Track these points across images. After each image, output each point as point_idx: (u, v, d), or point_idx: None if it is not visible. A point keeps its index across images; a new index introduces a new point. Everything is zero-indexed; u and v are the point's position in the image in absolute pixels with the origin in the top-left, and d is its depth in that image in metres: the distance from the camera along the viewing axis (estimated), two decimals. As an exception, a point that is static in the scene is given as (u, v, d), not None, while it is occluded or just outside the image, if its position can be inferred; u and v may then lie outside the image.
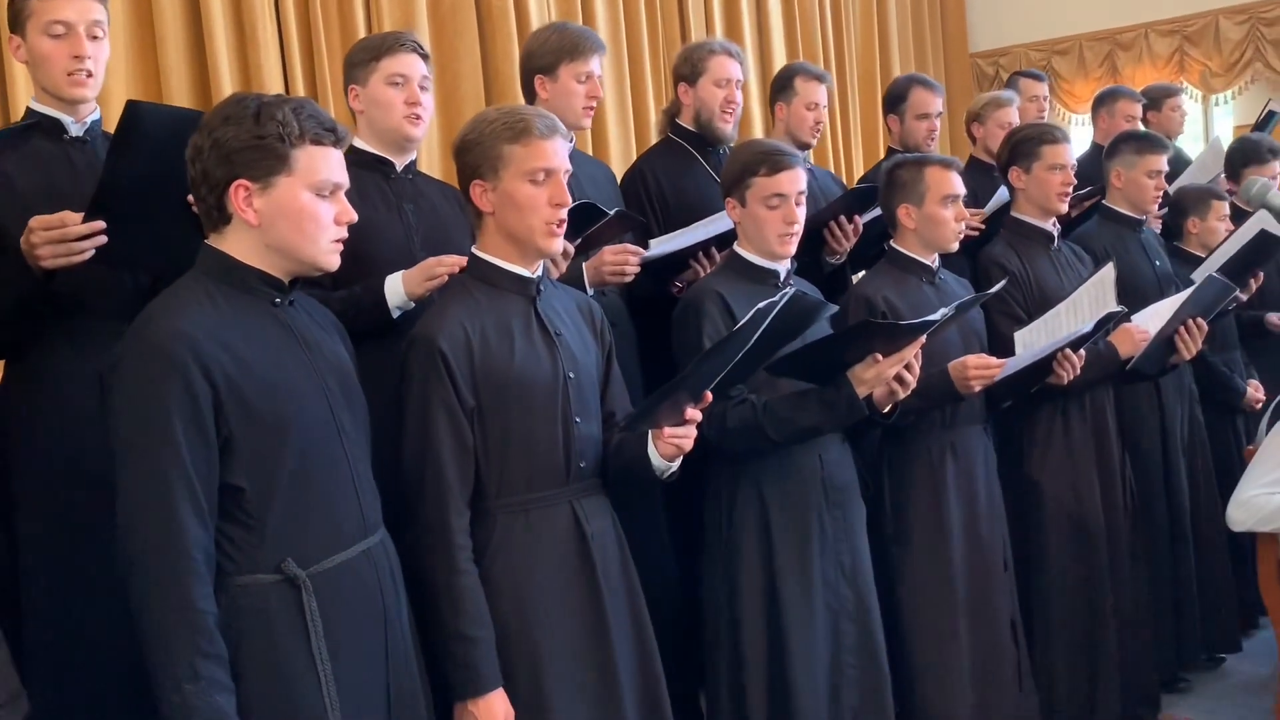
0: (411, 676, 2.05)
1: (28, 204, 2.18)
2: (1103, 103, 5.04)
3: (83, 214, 2.07)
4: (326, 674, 1.87)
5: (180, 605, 1.74)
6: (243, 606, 1.83)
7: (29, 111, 2.38)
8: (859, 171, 6.83)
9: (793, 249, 2.77)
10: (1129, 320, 3.31)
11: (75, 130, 2.33)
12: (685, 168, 3.58)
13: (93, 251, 2.07)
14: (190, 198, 2.01)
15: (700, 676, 2.93)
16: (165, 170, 2.04)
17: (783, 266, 2.79)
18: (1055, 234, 3.49)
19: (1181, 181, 4.45)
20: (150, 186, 2.06)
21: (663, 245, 3.13)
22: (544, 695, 2.17)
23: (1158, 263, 3.82)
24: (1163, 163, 3.77)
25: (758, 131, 5.81)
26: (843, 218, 3.41)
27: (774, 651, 2.72)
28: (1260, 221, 3.54)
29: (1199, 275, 3.60)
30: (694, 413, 2.19)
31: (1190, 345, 3.36)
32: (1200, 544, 3.82)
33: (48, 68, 2.29)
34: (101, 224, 2.05)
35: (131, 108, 2.04)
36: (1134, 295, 3.48)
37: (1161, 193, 3.81)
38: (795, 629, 2.71)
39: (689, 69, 3.57)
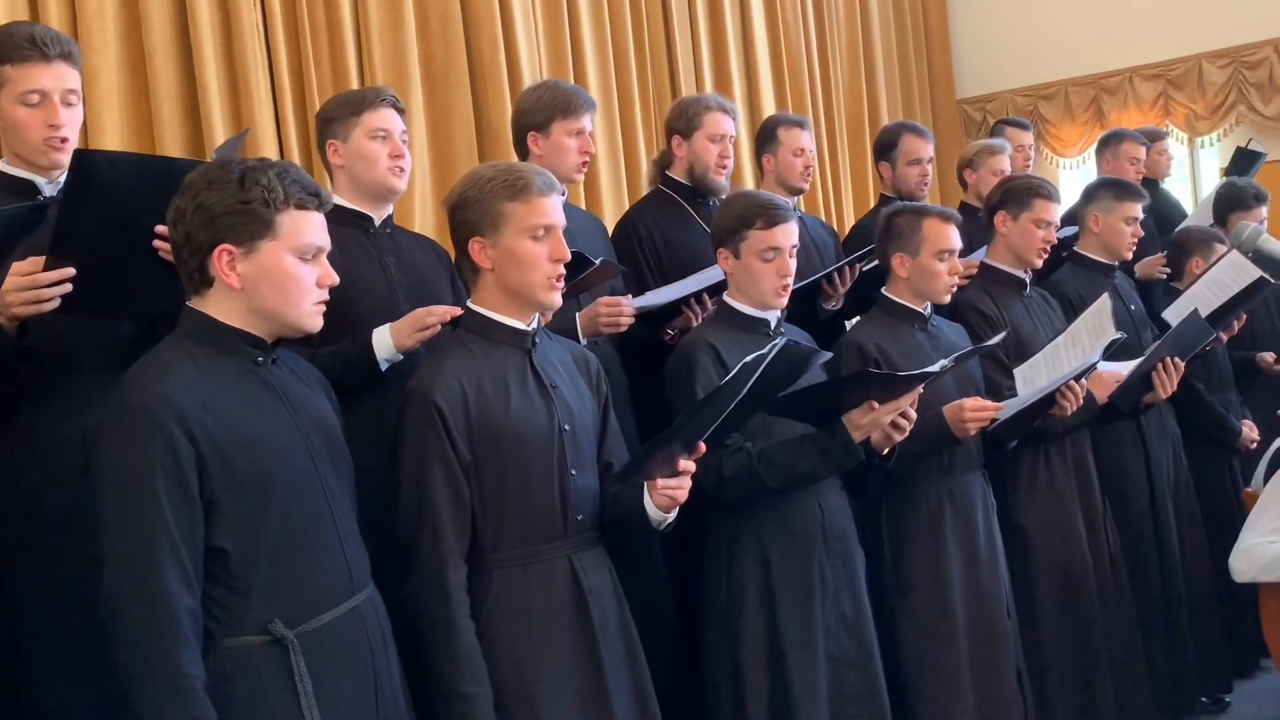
0: (403, 733, 2.03)
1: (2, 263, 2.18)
2: (1107, 145, 5.06)
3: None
4: (318, 733, 1.85)
5: (168, 670, 1.75)
6: (230, 669, 1.83)
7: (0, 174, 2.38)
8: (849, 217, 6.88)
9: (785, 300, 2.80)
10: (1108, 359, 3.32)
11: (49, 191, 2.34)
12: (677, 219, 3.60)
13: (59, 300, 2.06)
14: (156, 244, 2.03)
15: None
16: (127, 216, 2.05)
17: (773, 315, 2.81)
18: (1028, 280, 3.54)
19: (1187, 223, 4.50)
20: (112, 233, 2.07)
21: (655, 296, 3.15)
22: (543, 752, 2.16)
23: (1132, 306, 3.86)
24: (1139, 210, 3.79)
25: (748, 182, 5.85)
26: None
27: (776, 701, 2.70)
28: (1237, 266, 3.57)
29: (1173, 312, 3.64)
30: (687, 464, 2.20)
31: (1167, 384, 3.34)
32: (1190, 587, 3.80)
33: (23, 134, 2.30)
34: (71, 270, 2.05)
35: (80, 156, 2.06)
36: (1111, 339, 3.49)
37: (1138, 240, 3.83)
38: (798, 678, 2.70)
39: (684, 123, 3.60)
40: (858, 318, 3.56)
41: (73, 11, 3.98)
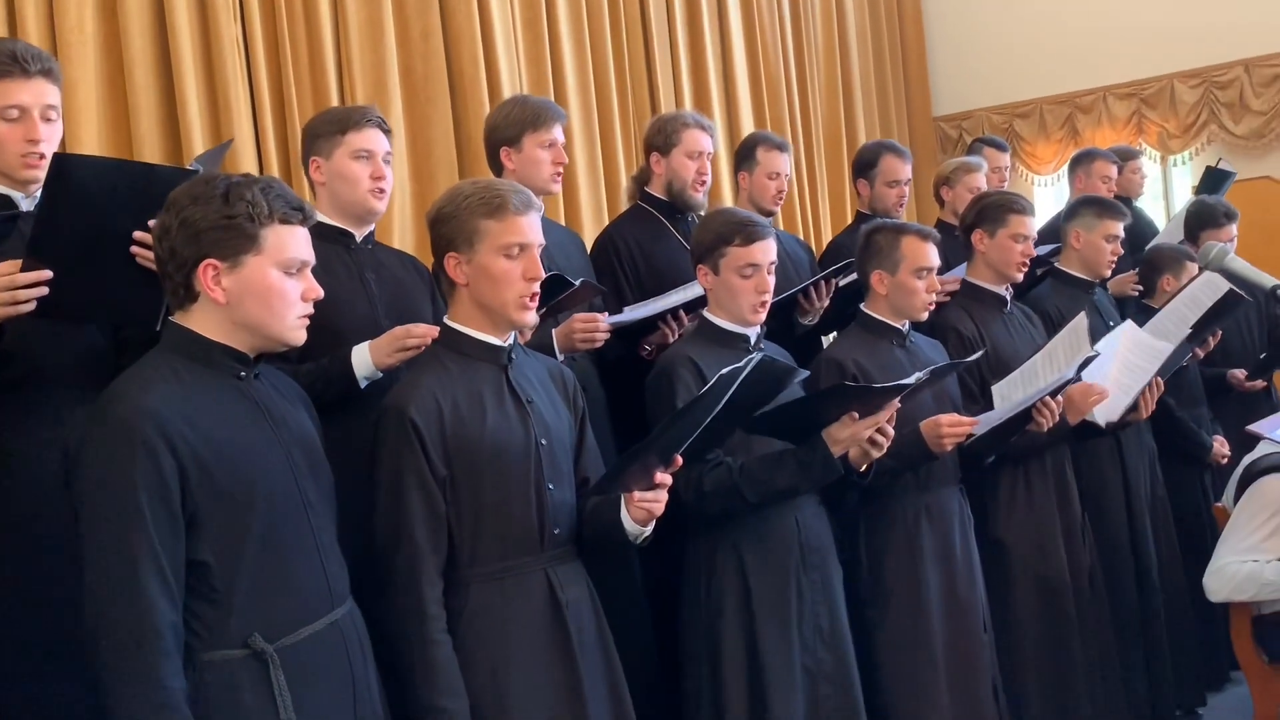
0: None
1: None
2: (1079, 163, 5.12)
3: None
4: (297, 748, 1.85)
5: (149, 683, 1.75)
6: (210, 683, 1.83)
7: None
8: (827, 234, 6.91)
9: (764, 316, 2.82)
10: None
11: (26, 205, 2.35)
12: (655, 235, 3.62)
13: (35, 303, 2.07)
14: (134, 249, 2.05)
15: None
16: (105, 221, 2.06)
17: (753, 331, 2.84)
18: (1008, 297, 3.57)
19: (1158, 241, 4.56)
20: (89, 237, 2.08)
21: (633, 312, 3.16)
22: (520, 766, 2.16)
23: (1111, 323, 3.90)
24: (1120, 229, 3.86)
25: (726, 198, 5.87)
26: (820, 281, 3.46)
27: (754, 715, 2.71)
28: (1211, 283, 3.62)
29: (1149, 329, 3.69)
30: (664, 477, 2.21)
31: (1149, 402, 3.43)
32: (1165, 601, 3.83)
33: (1, 149, 2.30)
34: (48, 273, 2.06)
35: (59, 160, 2.08)
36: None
37: (1117, 258, 3.89)
38: (776, 693, 2.71)
39: (662, 140, 3.63)
40: (834, 334, 3.59)
41: (51, 23, 3.97)
